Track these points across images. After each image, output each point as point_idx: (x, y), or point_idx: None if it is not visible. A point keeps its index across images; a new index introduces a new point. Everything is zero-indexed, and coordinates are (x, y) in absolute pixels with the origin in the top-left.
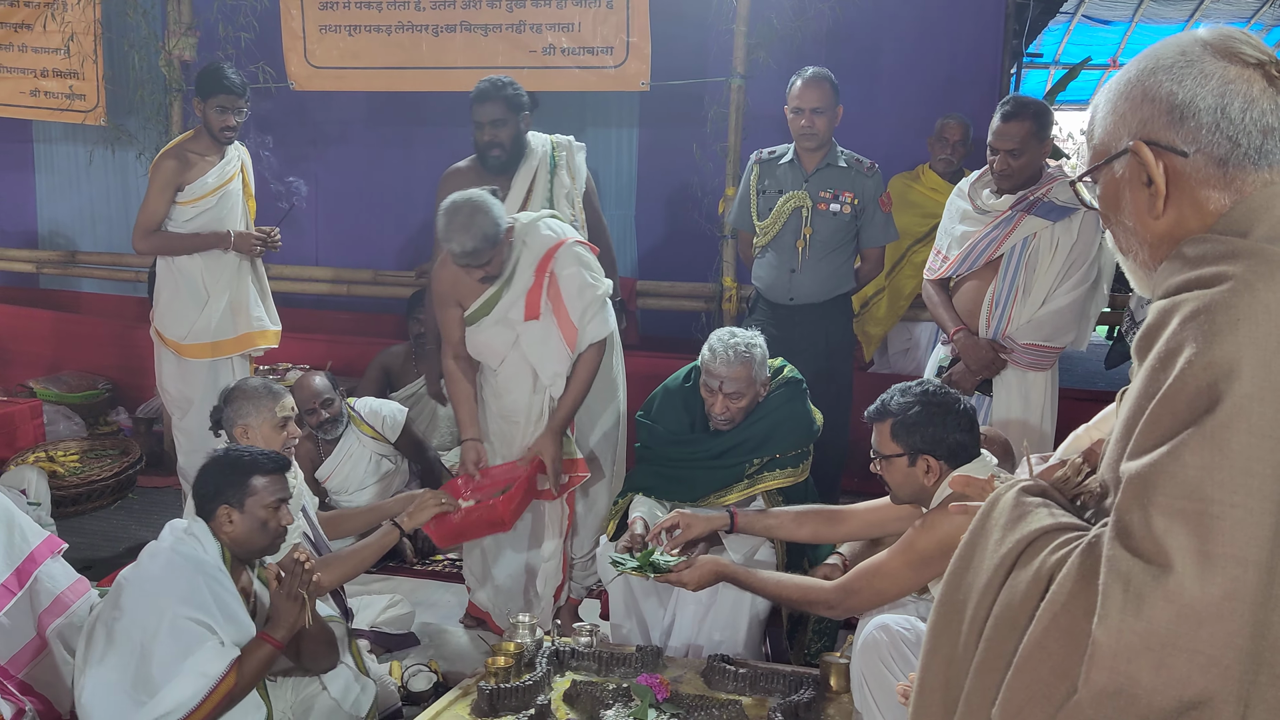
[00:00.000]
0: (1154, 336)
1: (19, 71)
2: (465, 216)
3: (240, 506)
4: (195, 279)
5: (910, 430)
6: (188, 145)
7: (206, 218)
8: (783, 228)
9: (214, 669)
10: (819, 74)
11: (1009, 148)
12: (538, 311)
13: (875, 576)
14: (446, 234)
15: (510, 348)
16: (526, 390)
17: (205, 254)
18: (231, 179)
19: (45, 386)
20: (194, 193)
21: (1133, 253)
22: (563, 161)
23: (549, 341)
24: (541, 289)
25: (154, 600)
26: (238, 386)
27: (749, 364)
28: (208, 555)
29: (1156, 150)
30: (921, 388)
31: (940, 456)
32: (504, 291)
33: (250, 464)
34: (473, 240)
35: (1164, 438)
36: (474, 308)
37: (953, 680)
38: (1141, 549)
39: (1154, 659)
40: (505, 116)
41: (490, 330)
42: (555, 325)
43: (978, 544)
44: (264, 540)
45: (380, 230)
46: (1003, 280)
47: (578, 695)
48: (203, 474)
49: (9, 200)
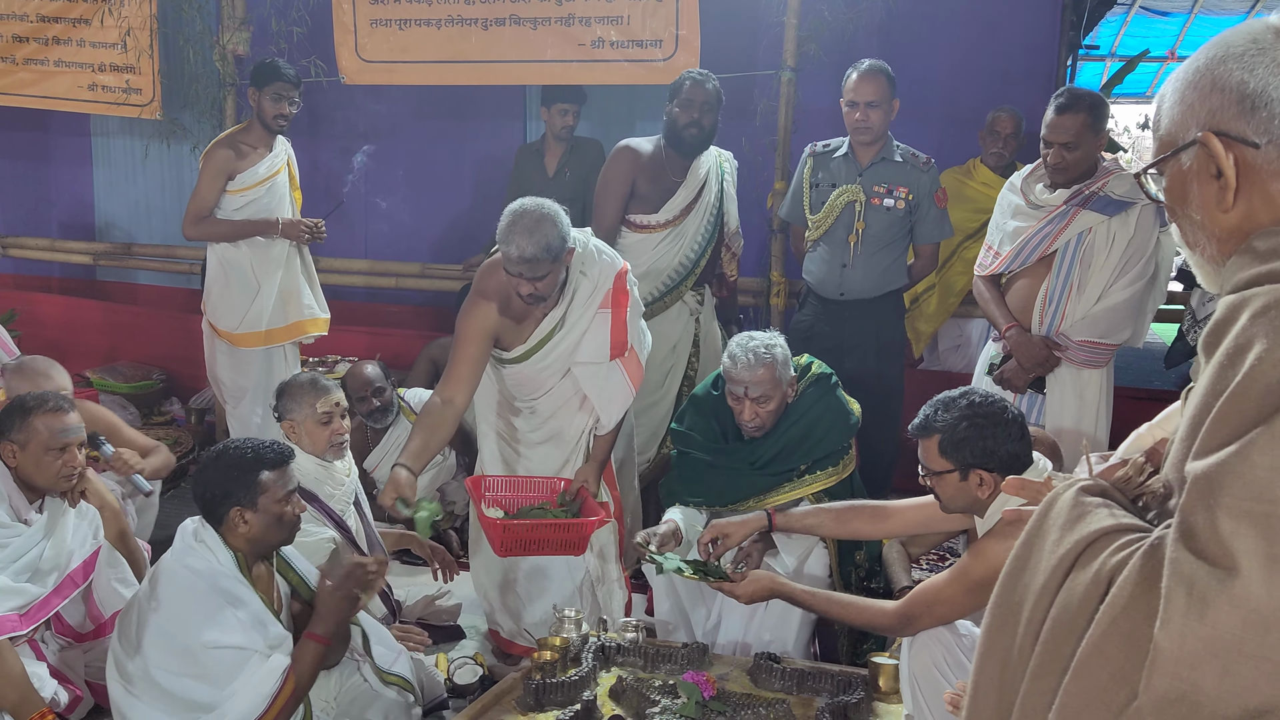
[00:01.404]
0: (1222, 332)
1: (77, 66)
2: (532, 221)
3: (253, 505)
4: (245, 270)
5: (959, 446)
6: (239, 136)
7: (255, 207)
8: (835, 222)
9: (267, 686)
10: (875, 67)
11: (1064, 141)
12: (625, 347)
13: (935, 603)
14: (507, 235)
15: (558, 381)
16: (573, 411)
17: (253, 245)
18: (279, 171)
19: (101, 377)
20: (244, 182)
21: (1200, 247)
22: (728, 172)
23: (611, 378)
24: (624, 320)
25: (174, 638)
26: (288, 382)
27: (771, 365)
28: (220, 565)
29: (1226, 141)
30: (967, 400)
31: (993, 469)
32: (557, 332)
33: (254, 460)
34: (534, 247)
35: (1232, 437)
36: (522, 349)
37: (1007, 685)
38: (1207, 551)
39: (1218, 666)
40: (713, 104)
41: (538, 367)
42: (620, 363)
43: (1034, 544)
44: (281, 534)
45: (428, 224)
46: (1057, 276)
47: (623, 691)
48: (204, 477)
49: (67, 193)
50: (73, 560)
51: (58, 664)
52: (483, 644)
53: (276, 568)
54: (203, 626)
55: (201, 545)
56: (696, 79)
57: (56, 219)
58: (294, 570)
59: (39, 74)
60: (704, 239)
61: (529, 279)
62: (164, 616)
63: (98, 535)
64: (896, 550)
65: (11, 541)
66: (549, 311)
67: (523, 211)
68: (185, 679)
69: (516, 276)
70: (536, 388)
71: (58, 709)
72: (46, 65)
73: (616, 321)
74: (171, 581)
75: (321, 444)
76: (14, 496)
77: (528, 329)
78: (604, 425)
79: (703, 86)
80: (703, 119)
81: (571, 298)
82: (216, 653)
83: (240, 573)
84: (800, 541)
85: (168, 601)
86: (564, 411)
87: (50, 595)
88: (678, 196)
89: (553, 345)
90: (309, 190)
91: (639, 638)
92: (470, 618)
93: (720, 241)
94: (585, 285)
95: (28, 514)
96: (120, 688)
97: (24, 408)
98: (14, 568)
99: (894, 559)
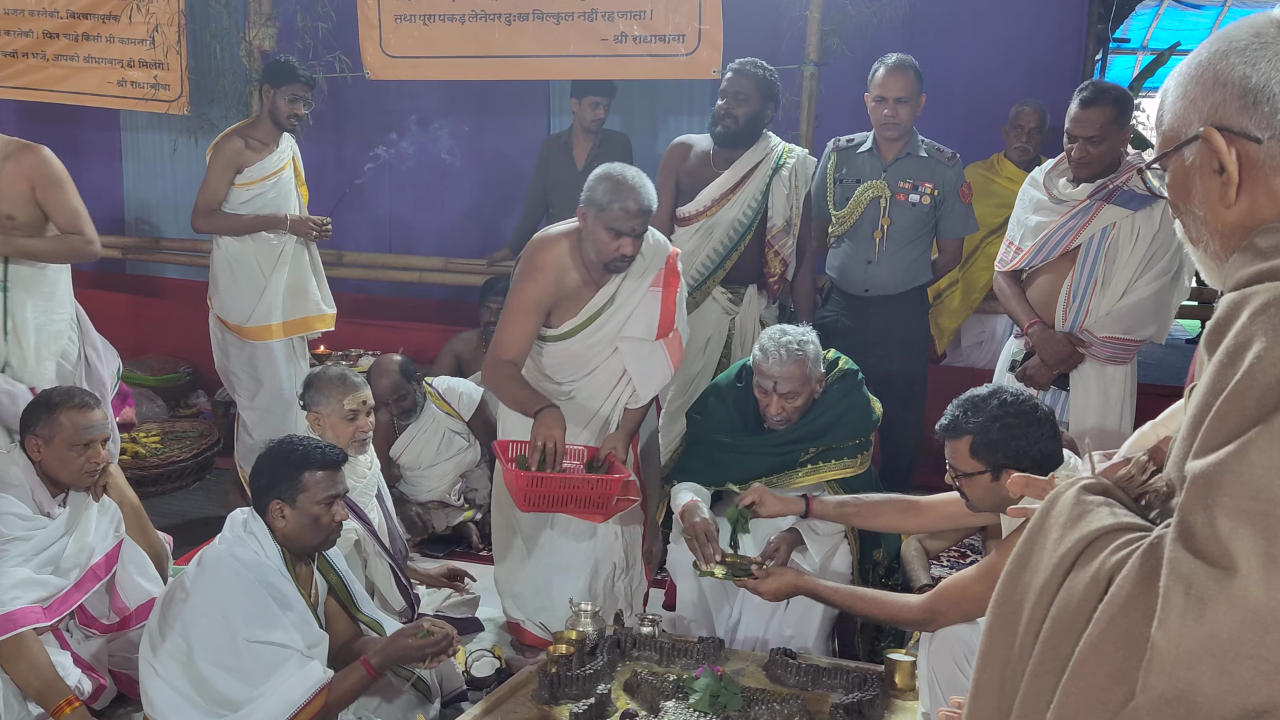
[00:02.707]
0: (1223, 330)
1: (106, 62)
2: (636, 177)
3: (292, 502)
4: (251, 265)
5: (992, 448)
6: (247, 130)
7: (260, 202)
8: (860, 218)
9: (296, 694)
10: (903, 61)
11: (1088, 134)
12: (670, 328)
13: (961, 600)
14: (616, 194)
15: (605, 359)
16: (606, 392)
17: (259, 240)
18: (285, 166)
19: (130, 369)
20: (251, 176)
21: (1203, 243)
22: (791, 166)
23: (654, 356)
24: (674, 301)
25: (219, 625)
26: (316, 374)
27: (802, 362)
28: (268, 559)
29: (1229, 136)
30: (998, 399)
31: (1025, 468)
32: (607, 308)
33: (303, 458)
34: (648, 198)
35: (1231, 436)
36: (572, 323)
37: (1008, 682)
38: (1205, 551)
39: (1216, 665)
40: (749, 94)
41: (587, 342)
42: (664, 342)
43: (1036, 543)
44: (316, 537)
45: (451, 218)
46: (1080, 271)
47: (638, 685)
48: (258, 464)
49: (97, 187)
50: (95, 554)
51: (82, 654)
52: (500, 636)
53: (317, 566)
54: (248, 619)
55: (250, 537)
56: (735, 68)
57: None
58: (334, 570)
59: (69, 70)
60: (737, 234)
61: (637, 236)
62: (209, 604)
63: (119, 530)
64: (915, 548)
65: (35, 534)
66: (601, 287)
67: (621, 171)
68: (220, 671)
69: (626, 235)
70: (581, 367)
71: (82, 697)
72: (76, 61)
73: (667, 301)
74: (218, 571)
75: (345, 439)
76: (37, 490)
77: (579, 304)
78: (638, 399)
79: (739, 75)
80: (735, 108)
81: (624, 275)
82: (257, 648)
83: (285, 568)
84: (826, 539)
85: (214, 590)
86: (600, 393)
87: (73, 588)
88: (710, 188)
89: (602, 321)
90: (333, 185)
91: (655, 632)
92: (488, 610)
93: (761, 240)
94: (638, 263)
95: (51, 508)
96: (151, 670)
97: (49, 403)
98: (37, 560)
99: (913, 556)
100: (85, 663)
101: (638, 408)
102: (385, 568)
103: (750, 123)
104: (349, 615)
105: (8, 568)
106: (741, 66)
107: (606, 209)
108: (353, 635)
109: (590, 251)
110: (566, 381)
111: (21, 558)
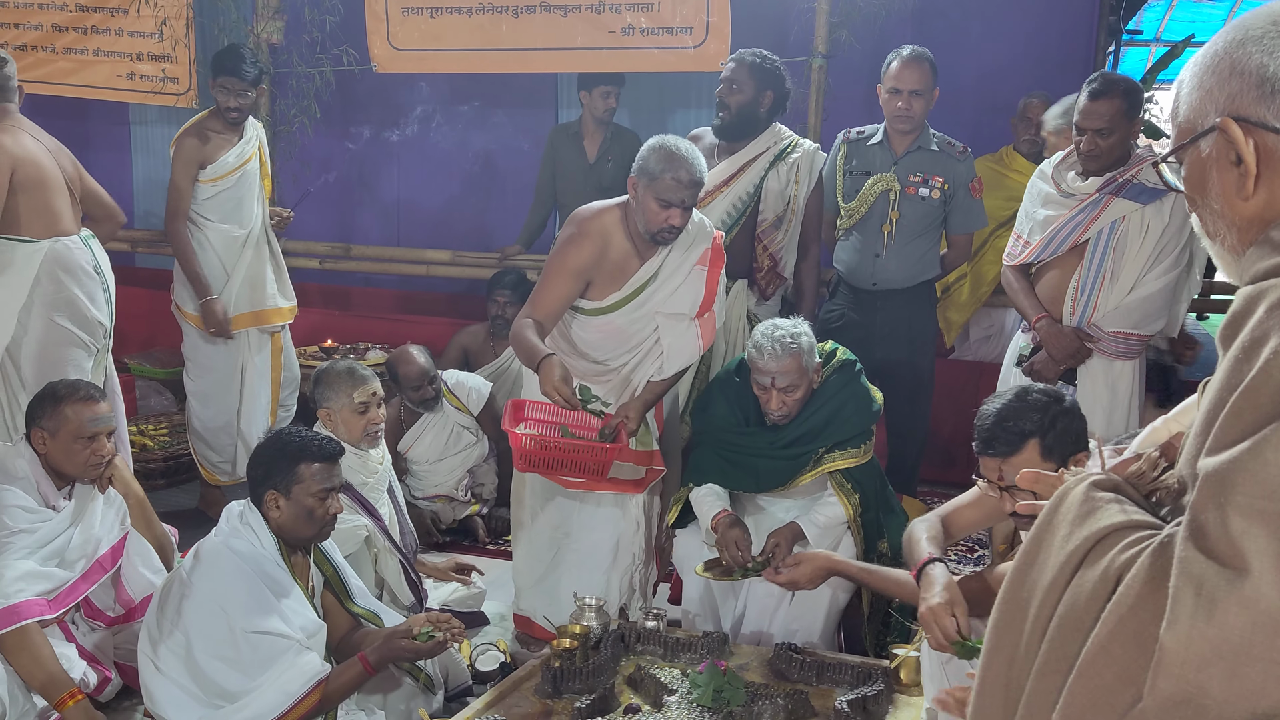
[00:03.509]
0: (1239, 325)
1: (115, 55)
2: (689, 149)
3: (286, 493)
4: (213, 260)
5: (1062, 440)
6: (205, 123)
7: (224, 197)
8: (869, 211)
9: (294, 685)
10: (918, 54)
11: (1097, 127)
12: (709, 309)
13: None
14: (669, 164)
15: (645, 337)
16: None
17: (222, 236)
18: (250, 159)
19: (139, 362)
20: (214, 172)
21: (1219, 237)
22: (792, 160)
23: (688, 333)
24: (717, 282)
25: (217, 617)
26: (325, 370)
27: (798, 355)
28: (264, 549)
29: (1246, 127)
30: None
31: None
32: (650, 283)
33: (299, 449)
34: (699, 170)
35: (1245, 433)
36: (617, 296)
37: (1014, 682)
38: (1217, 551)
39: (1226, 668)
40: (742, 82)
41: (630, 317)
42: (699, 321)
43: (1044, 540)
44: (311, 529)
45: (459, 211)
46: (1089, 266)
47: (642, 680)
48: (255, 455)
49: (107, 181)
50: (100, 546)
51: (88, 647)
52: (506, 630)
53: (313, 559)
54: (246, 611)
55: (246, 528)
56: (734, 57)
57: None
58: (329, 563)
59: (78, 63)
60: (725, 226)
61: (687, 207)
62: (206, 597)
63: (124, 522)
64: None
65: (40, 527)
66: (647, 260)
67: (675, 143)
68: (218, 662)
69: (676, 206)
70: (621, 343)
71: (86, 689)
72: (85, 54)
73: (711, 281)
74: (215, 563)
75: (358, 433)
76: (43, 483)
77: (624, 276)
78: (663, 373)
79: (735, 64)
80: (727, 98)
81: (668, 250)
82: (255, 638)
83: (281, 558)
84: (829, 532)
85: (211, 582)
86: (638, 371)
87: (78, 581)
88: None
89: (647, 296)
90: (342, 179)
91: (659, 626)
92: (494, 604)
93: (751, 233)
94: (683, 238)
95: (56, 500)
96: (150, 665)
97: (55, 395)
98: (42, 553)
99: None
100: (90, 655)
101: (661, 380)
102: (395, 564)
103: (745, 112)
104: (343, 607)
105: (12, 560)
106: (738, 55)
107: (658, 179)
108: (351, 628)
109: (639, 221)
110: (605, 358)
111: (26, 550)
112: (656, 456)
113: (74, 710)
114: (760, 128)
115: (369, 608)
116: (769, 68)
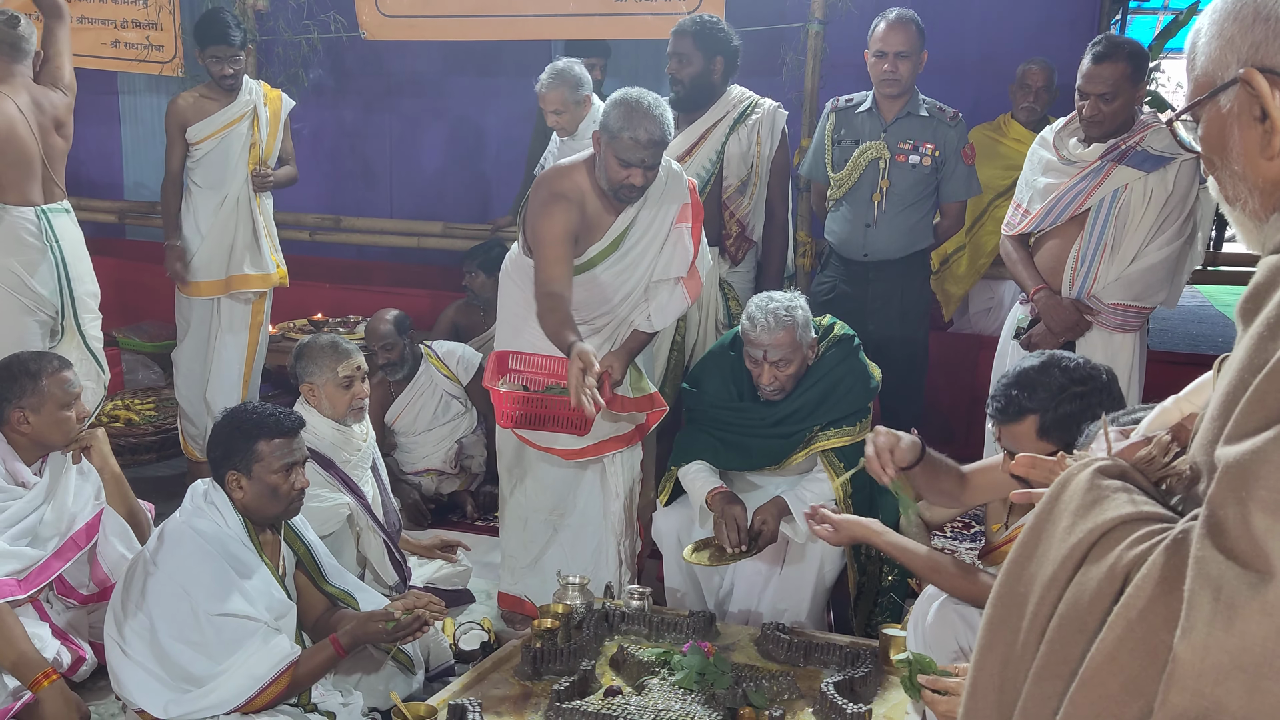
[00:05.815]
0: (1262, 298)
1: (99, 22)
2: (651, 105)
3: (248, 472)
4: (194, 227)
5: (1065, 424)
6: (202, 89)
7: (207, 161)
8: (858, 180)
9: (262, 669)
10: (904, 16)
11: (1100, 91)
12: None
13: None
14: (628, 121)
15: (629, 292)
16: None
17: (205, 200)
18: (236, 121)
19: (127, 335)
20: (196, 135)
21: (1240, 201)
22: (752, 121)
23: (676, 291)
24: (698, 235)
25: (180, 599)
26: (306, 344)
27: (791, 328)
28: (228, 528)
29: (1272, 78)
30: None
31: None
32: (630, 233)
33: (256, 426)
34: (660, 130)
35: (1270, 420)
36: (597, 247)
37: (1008, 683)
38: (1237, 551)
39: (1246, 681)
40: (689, 53)
41: (612, 270)
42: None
43: (1044, 531)
44: (276, 506)
45: (451, 182)
46: (1089, 236)
47: (624, 661)
48: (213, 436)
49: (96, 152)
50: (75, 523)
51: (61, 625)
52: (491, 609)
53: (284, 536)
54: (209, 593)
55: (211, 507)
56: (675, 29)
57: (85, 177)
58: (301, 540)
59: None
60: None
61: (649, 167)
62: (169, 578)
63: (99, 497)
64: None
65: (10, 505)
66: (621, 212)
67: (637, 98)
68: (183, 646)
69: (635, 166)
70: (605, 300)
71: (60, 669)
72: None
73: (695, 237)
74: (179, 543)
75: (342, 408)
76: (8, 460)
77: (601, 230)
78: (650, 325)
79: (675, 36)
80: (678, 72)
81: (642, 201)
82: (219, 621)
83: (248, 537)
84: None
85: (174, 564)
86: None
87: (51, 558)
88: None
89: (627, 248)
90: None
91: (644, 606)
92: (479, 582)
93: (717, 200)
94: (655, 187)
95: (26, 477)
96: (117, 649)
97: (29, 372)
98: (12, 532)
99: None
100: (64, 634)
101: (647, 332)
102: (379, 543)
103: (697, 83)
104: (316, 587)
105: None
106: (679, 27)
107: (617, 137)
108: (326, 608)
109: (601, 178)
110: (591, 317)
111: None
112: (657, 398)
113: (49, 690)
114: (717, 94)
115: (343, 587)
116: (713, 33)
